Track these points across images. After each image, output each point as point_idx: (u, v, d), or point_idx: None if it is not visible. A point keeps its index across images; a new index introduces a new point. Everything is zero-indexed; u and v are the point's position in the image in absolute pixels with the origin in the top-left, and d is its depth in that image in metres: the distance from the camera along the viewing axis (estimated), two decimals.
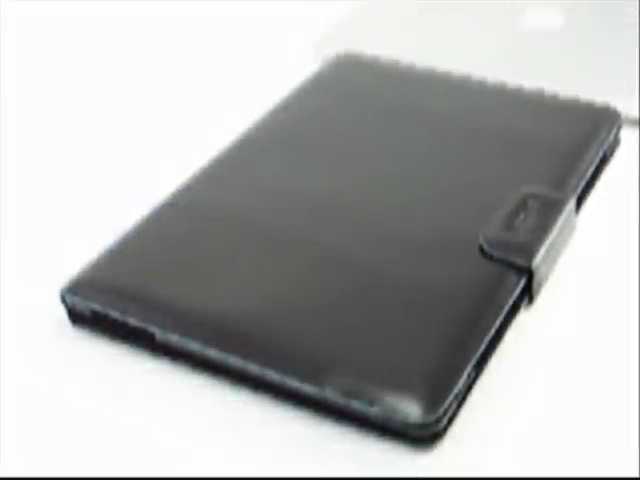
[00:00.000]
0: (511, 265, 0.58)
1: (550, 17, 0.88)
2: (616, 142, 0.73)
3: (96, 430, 0.52)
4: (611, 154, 0.72)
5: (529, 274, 0.58)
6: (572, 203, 0.62)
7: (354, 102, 0.75)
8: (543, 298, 0.60)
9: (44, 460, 0.50)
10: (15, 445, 0.51)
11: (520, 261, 0.58)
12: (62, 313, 0.59)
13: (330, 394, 0.51)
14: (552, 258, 0.61)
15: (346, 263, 0.59)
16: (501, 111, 0.73)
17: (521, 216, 0.61)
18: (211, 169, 0.67)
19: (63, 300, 0.58)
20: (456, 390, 0.51)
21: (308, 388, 0.52)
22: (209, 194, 0.65)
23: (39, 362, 0.56)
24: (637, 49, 0.72)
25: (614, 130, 0.71)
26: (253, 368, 0.53)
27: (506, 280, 0.58)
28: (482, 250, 0.59)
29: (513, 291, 0.57)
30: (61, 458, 0.51)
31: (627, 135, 0.74)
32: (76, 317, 0.58)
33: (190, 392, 0.54)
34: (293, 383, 0.52)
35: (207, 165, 0.68)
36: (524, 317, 0.59)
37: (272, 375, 0.52)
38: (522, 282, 0.58)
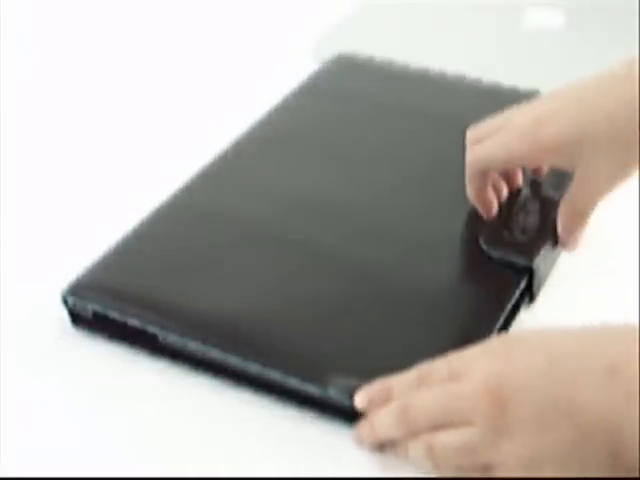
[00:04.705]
0: (511, 265, 0.58)
1: (550, 17, 0.88)
2: None
3: (96, 429, 0.52)
4: None
5: (530, 274, 0.58)
6: None
7: (352, 103, 0.74)
8: (544, 297, 0.60)
9: (44, 459, 0.50)
10: (16, 444, 0.51)
11: (520, 261, 0.58)
12: (64, 314, 0.59)
13: (333, 394, 0.51)
14: (552, 257, 0.61)
15: (347, 264, 0.59)
16: (497, 111, 0.72)
17: (521, 216, 0.61)
18: (210, 170, 0.67)
19: (64, 302, 0.57)
20: None
21: (311, 388, 0.51)
22: (208, 196, 0.65)
23: (41, 362, 0.56)
24: (637, 49, 0.72)
25: None
26: (255, 368, 0.53)
27: (507, 280, 0.58)
28: (482, 251, 0.59)
29: (514, 291, 0.57)
30: (61, 457, 0.50)
31: None
32: (77, 318, 0.58)
33: (190, 392, 0.54)
34: (296, 383, 0.52)
35: (206, 167, 0.67)
36: (525, 316, 0.59)
37: (275, 375, 0.52)
38: (523, 282, 0.58)
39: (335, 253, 0.59)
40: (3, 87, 0.83)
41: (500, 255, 0.58)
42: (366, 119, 0.72)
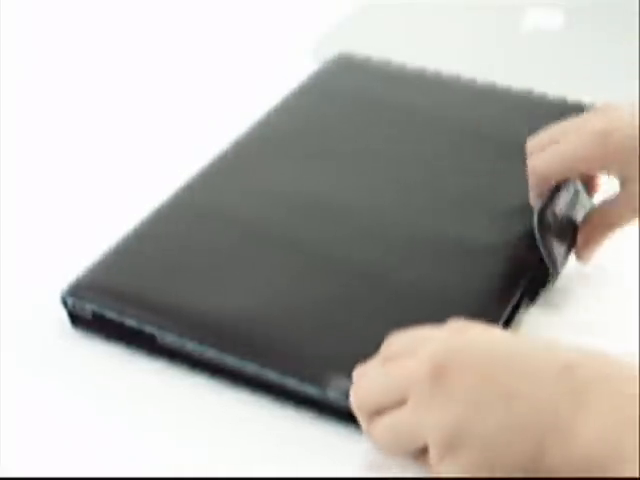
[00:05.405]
0: (540, 258, 0.58)
1: (550, 17, 0.88)
2: None
3: (95, 429, 0.52)
4: None
5: (544, 279, 0.58)
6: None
7: (351, 103, 0.74)
8: (544, 298, 0.60)
9: (44, 459, 0.50)
10: (16, 444, 0.51)
11: (549, 266, 0.58)
12: (63, 315, 0.59)
13: (332, 395, 0.51)
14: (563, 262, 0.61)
15: (346, 264, 0.59)
16: (494, 111, 0.73)
17: (560, 204, 0.59)
18: (210, 170, 0.67)
19: (64, 303, 0.57)
20: None
21: (310, 389, 0.51)
22: (208, 196, 0.65)
23: (40, 363, 0.56)
24: (637, 49, 0.72)
25: None
26: (253, 369, 0.53)
27: (508, 279, 0.58)
28: (483, 251, 0.59)
29: (516, 292, 0.57)
30: (61, 457, 0.51)
31: None
32: (76, 319, 0.58)
33: (189, 392, 0.54)
34: (294, 384, 0.52)
35: (206, 166, 0.67)
36: (525, 316, 0.59)
37: (273, 376, 0.52)
38: (524, 279, 0.58)
39: (334, 253, 0.59)
40: (3, 87, 0.83)
41: (538, 240, 0.58)
42: (366, 119, 0.72)
